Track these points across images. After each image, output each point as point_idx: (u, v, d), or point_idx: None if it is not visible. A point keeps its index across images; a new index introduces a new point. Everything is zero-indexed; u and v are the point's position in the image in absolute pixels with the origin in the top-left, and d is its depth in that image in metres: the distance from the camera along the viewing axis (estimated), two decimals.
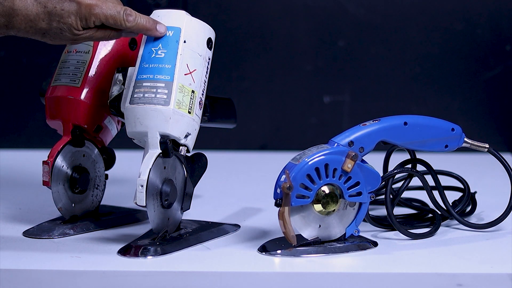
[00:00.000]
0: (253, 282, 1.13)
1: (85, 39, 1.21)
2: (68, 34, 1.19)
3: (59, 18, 1.18)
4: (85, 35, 1.20)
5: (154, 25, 1.22)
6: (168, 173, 1.22)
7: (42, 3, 1.18)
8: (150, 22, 1.21)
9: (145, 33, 1.22)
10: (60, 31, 1.19)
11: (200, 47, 1.24)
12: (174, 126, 1.20)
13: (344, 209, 1.22)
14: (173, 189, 1.22)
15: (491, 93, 2.11)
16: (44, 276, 1.12)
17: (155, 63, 1.22)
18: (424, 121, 1.25)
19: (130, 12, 1.20)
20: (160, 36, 1.22)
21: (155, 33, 1.22)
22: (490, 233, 1.31)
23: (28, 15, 1.18)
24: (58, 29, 1.19)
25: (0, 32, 1.19)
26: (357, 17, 2.08)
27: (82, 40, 1.21)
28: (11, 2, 1.18)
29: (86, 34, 1.20)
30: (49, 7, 1.18)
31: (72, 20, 1.18)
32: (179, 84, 1.20)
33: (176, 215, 1.25)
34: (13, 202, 1.50)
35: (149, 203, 1.19)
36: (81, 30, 1.19)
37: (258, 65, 2.10)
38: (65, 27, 1.18)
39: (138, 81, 1.22)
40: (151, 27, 1.21)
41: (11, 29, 1.19)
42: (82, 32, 1.20)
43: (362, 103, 2.11)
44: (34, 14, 1.18)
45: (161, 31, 1.22)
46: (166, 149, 1.20)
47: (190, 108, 1.21)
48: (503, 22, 2.08)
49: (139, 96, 1.21)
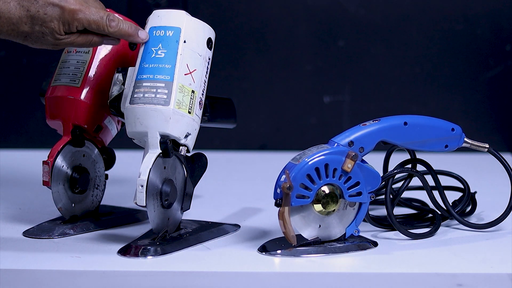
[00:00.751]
0: (253, 282, 1.13)
1: (67, 45, 1.21)
2: (50, 38, 1.20)
3: (41, 22, 1.19)
4: (67, 40, 1.21)
5: (136, 31, 1.23)
6: (168, 173, 1.22)
7: (25, 7, 1.18)
8: (132, 28, 1.23)
9: (127, 39, 1.23)
10: (42, 35, 1.19)
11: (200, 47, 1.24)
12: (174, 126, 1.20)
13: (344, 209, 1.22)
14: (173, 189, 1.22)
15: (491, 93, 2.11)
16: (44, 276, 1.12)
17: (155, 63, 1.22)
18: (424, 121, 1.25)
19: (113, 17, 1.21)
20: (142, 42, 1.23)
21: (137, 39, 1.23)
22: (490, 233, 1.31)
23: (10, 18, 1.18)
24: (40, 33, 1.19)
25: None
26: (357, 17, 2.08)
27: (63, 46, 1.22)
28: None
29: (68, 39, 1.21)
30: (32, 11, 1.18)
31: (55, 24, 1.19)
32: (179, 84, 1.20)
33: (176, 215, 1.25)
34: (13, 202, 1.50)
35: (149, 203, 1.19)
36: (63, 35, 1.20)
37: (258, 65, 2.10)
38: (48, 31, 1.19)
39: (138, 81, 1.22)
40: (133, 33, 1.23)
41: None
42: (64, 37, 1.20)
43: (362, 103, 2.11)
44: (16, 17, 1.19)
45: (142, 37, 1.23)
46: (166, 149, 1.20)
47: (190, 108, 1.21)
48: (503, 22, 2.08)
49: (139, 96, 1.21)
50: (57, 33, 1.19)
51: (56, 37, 1.20)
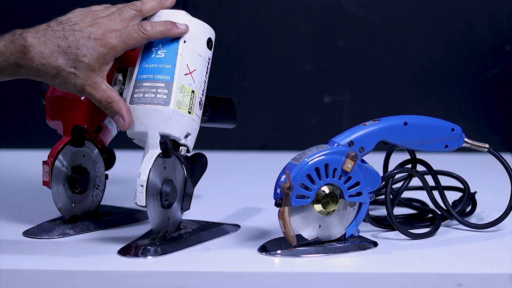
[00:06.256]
0: (253, 282, 1.13)
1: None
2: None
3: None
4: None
5: (173, 24, 1.21)
6: (168, 173, 1.22)
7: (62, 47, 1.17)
8: (168, 24, 1.22)
9: (169, 36, 1.21)
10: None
11: (200, 47, 1.24)
12: (174, 126, 1.20)
13: (344, 209, 1.22)
14: (173, 189, 1.22)
15: (491, 93, 2.11)
16: (44, 276, 1.12)
17: (155, 63, 1.22)
18: (424, 121, 1.25)
19: (142, 23, 1.21)
20: (184, 32, 1.22)
21: (179, 30, 1.21)
22: (490, 233, 1.31)
23: (42, 51, 1.17)
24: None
25: (9, 72, 1.18)
26: (357, 17, 2.08)
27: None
28: (23, 39, 1.17)
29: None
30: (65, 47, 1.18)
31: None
32: (179, 84, 1.20)
33: (176, 215, 1.25)
34: (13, 202, 1.50)
35: (149, 203, 1.19)
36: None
37: (258, 65, 2.10)
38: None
39: (138, 81, 1.22)
40: (172, 26, 1.21)
41: (21, 67, 1.17)
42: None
43: (362, 103, 2.11)
44: (48, 51, 1.17)
45: (182, 27, 1.22)
46: (166, 149, 1.20)
47: (190, 108, 1.21)
48: (503, 22, 2.08)
49: (139, 96, 1.21)
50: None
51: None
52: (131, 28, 1.20)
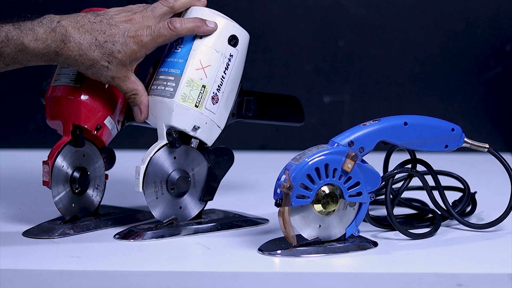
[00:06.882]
0: (253, 282, 1.13)
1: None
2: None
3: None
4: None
5: (203, 21, 1.25)
6: (181, 164, 1.26)
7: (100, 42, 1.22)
8: (197, 21, 1.25)
9: (199, 33, 1.25)
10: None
11: (219, 44, 1.26)
12: (178, 118, 1.24)
13: (344, 209, 1.22)
14: (183, 179, 1.26)
15: (491, 93, 2.11)
16: (44, 276, 1.12)
17: (172, 57, 1.26)
18: (424, 121, 1.25)
19: (172, 20, 1.24)
20: (214, 29, 1.25)
21: (208, 27, 1.25)
22: (490, 233, 1.31)
23: (81, 43, 1.21)
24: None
25: (47, 59, 1.21)
26: (357, 17, 2.08)
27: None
28: (63, 28, 1.20)
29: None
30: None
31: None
32: (188, 78, 1.24)
33: (190, 205, 1.28)
34: (13, 202, 1.50)
35: (148, 190, 1.23)
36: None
37: (258, 65, 2.10)
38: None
39: (158, 74, 1.27)
40: (201, 23, 1.25)
41: (60, 56, 1.21)
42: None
43: (362, 103, 2.11)
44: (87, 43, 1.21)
45: (211, 25, 1.25)
46: (171, 140, 1.24)
47: (198, 102, 1.24)
48: (503, 22, 2.08)
49: (154, 88, 1.26)
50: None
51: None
52: (161, 25, 1.24)
